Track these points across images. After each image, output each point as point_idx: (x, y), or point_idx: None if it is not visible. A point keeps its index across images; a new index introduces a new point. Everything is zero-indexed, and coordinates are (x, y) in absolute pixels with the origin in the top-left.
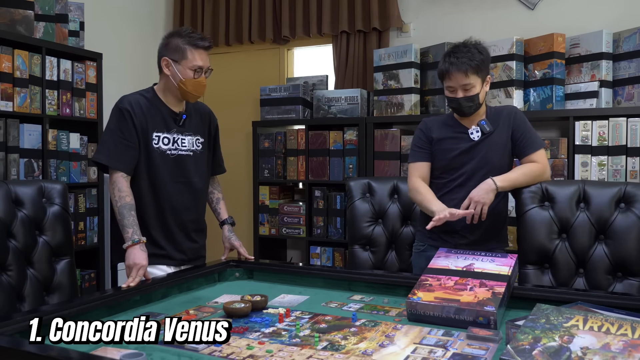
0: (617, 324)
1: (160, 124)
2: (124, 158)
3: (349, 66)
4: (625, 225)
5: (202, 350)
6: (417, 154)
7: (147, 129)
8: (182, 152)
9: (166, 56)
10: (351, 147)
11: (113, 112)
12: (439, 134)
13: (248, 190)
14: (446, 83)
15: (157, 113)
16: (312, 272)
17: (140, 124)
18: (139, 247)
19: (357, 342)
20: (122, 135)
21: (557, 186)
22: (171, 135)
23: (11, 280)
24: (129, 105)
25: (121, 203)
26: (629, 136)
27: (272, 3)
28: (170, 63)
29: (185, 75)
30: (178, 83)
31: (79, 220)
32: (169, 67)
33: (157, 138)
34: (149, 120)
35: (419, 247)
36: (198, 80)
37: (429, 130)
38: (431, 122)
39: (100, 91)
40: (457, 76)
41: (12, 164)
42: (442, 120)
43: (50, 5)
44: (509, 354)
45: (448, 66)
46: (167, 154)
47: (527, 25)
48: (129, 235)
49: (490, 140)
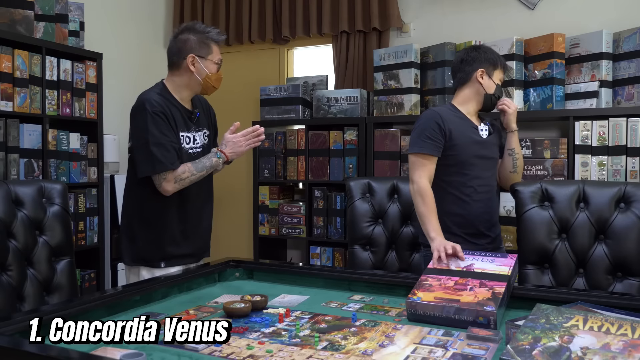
0: (617, 324)
1: (182, 123)
2: (176, 156)
3: (349, 66)
4: (625, 225)
5: (202, 350)
6: (428, 145)
7: (177, 128)
8: (197, 150)
9: (193, 53)
10: (351, 147)
11: (144, 117)
12: (456, 127)
13: (248, 190)
14: (502, 75)
15: (177, 112)
16: (312, 272)
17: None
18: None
19: (357, 342)
20: (168, 138)
21: (557, 186)
22: (191, 134)
23: (11, 280)
24: (159, 106)
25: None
26: (629, 136)
27: (272, 3)
28: (196, 60)
29: (211, 69)
30: (204, 78)
31: (79, 220)
32: (195, 63)
33: (182, 138)
34: (176, 120)
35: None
36: (219, 74)
37: (445, 122)
38: (444, 113)
39: (100, 91)
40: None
41: (12, 164)
42: (451, 112)
43: (50, 5)
44: (509, 354)
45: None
46: (190, 153)
47: (527, 25)
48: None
49: (490, 141)
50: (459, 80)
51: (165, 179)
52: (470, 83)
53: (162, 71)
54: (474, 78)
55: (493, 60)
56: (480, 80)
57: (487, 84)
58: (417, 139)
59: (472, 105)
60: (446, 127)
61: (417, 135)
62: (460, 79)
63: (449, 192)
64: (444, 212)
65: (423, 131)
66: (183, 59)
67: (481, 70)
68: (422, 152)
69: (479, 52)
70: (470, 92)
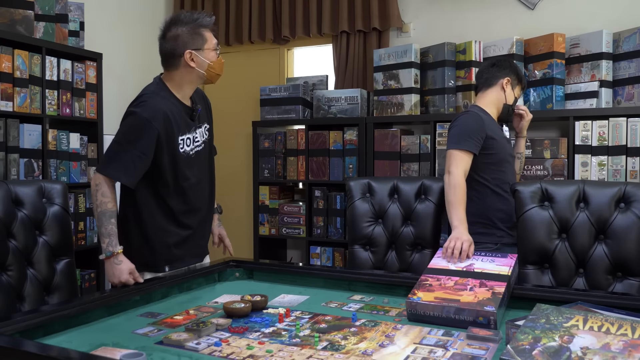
0: (617, 324)
1: (182, 126)
2: (137, 173)
3: (349, 66)
4: (625, 225)
5: (202, 350)
6: (469, 143)
7: (174, 134)
8: (198, 148)
9: (188, 48)
10: (351, 147)
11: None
12: (492, 127)
13: (248, 190)
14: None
15: (178, 114)
16: (312, 272)
17: (166, 133)
18: (114, 260)
19: (357, 342)
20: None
21: (557, 186)
22: (191, 134)
23: (11, 280)
24: (151, 116)
25: (102, 209)
26: (629, 136)
27: (272, 3)
28: (194, 54)
29: (210, 58)
30: (206, 70)
31: (79, 220)
32: (194, 58)
33: (182, 142)
34: (174, 126)
35: (490, 246)
36: (220, 59)
37: (484, 123)
38: (483, 114)
39: (100, 91)
40: None
41: (12, 164)
42: (485, 114)
43: (50, 5)
44: (509, 354)
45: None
46: (190, 155)
47: (527, 25)
48: (104, 245)
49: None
50: (485, 81)
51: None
52: (494, 87)
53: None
54: (499, 84)
55: (520, 75)
56: (504, 88)
57: (509, 93)
58: (459, 136)
59: (494, 110)
60: (486, 128)
61: (459, 132)
62: (487, 80)
63: (492, 189)
64: (488, 208)
65: (466, 130)
66: (179, 56)
67: (508, 79)
68: (463, 148)
69: (510, 63)
70: (493, 97)
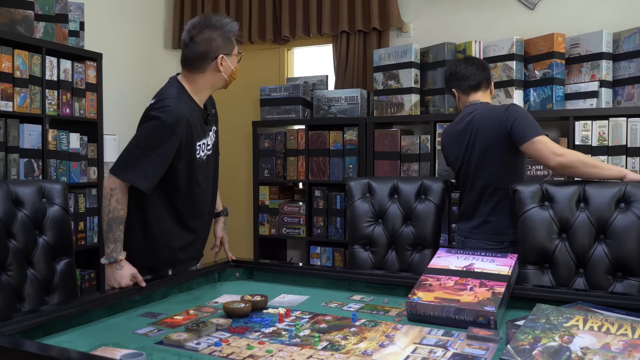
0: (617, 324)
1: (200, 131)
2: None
3: (349, 66)
4: (625, 225)
5: (202, 350)
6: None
7: (193, 140)
8: (209, 152)
9: (222, 53)
10: (351, 147)
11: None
12: None
13: (248, 190)
14: None
15: (197, 119)
16: (312, 272)
17: (187, 139)
18: (116, 265)
19: (357, 342)
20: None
21: (557, 186)
22: (205, 139)
23: (11, 280)
24: (175, 123)
25: (113, 215)
26: (629, 136)
27: (272, 3)
28: (224, 58)
29: (234, 64)
30: (229, 75)
31: (79, 220)
32: (224, 63)
33: (199, 148)
34: (194, 132)
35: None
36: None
37: None
38: None
39: (100, 91)
40: None
41: (12, 164)
42: None
43: (50, 5)
44: (509, 354)
45: None
46: (203, 159)
47: (527, 25)
48: (109, 251)
49: None
50: (487, 81)
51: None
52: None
53: (162, 71)
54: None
55: None
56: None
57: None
58: (535, 124)
59: None
60: None
61: (532, 121)
62: (486, 79)
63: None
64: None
65: (532, 118)
66: (211, 60)
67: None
68: (545, 133)
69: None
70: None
